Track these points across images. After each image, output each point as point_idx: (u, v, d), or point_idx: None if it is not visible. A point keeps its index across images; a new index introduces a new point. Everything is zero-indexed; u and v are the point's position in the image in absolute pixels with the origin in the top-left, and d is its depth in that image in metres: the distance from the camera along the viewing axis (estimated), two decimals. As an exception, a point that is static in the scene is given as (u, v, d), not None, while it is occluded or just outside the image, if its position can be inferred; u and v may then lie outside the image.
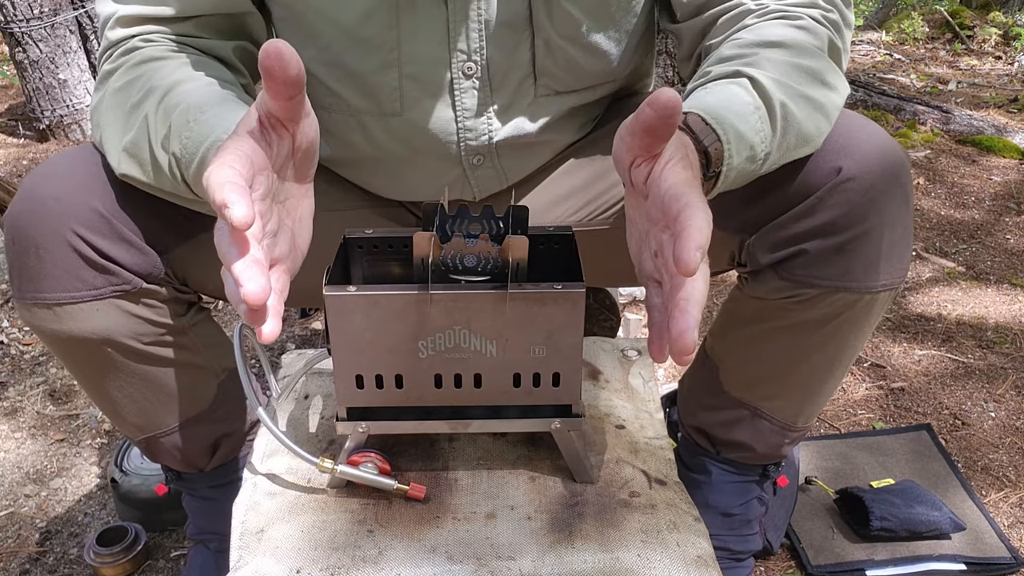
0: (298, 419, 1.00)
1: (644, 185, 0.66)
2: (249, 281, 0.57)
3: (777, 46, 0.81)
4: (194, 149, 0.75)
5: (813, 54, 0.82)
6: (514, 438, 0.95)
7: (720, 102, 0.75)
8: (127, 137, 0.81)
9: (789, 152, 0.81)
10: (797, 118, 0.79)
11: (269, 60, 0.58)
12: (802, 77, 0.80)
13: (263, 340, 0.62)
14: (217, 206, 0.56)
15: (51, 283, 0.86)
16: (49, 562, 1.37)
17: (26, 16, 2.99)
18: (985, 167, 2.87)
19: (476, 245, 0.79)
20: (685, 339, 0.57)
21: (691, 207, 0.59)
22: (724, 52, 0.84)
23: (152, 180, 0.82)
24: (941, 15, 4.91)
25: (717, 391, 1.05)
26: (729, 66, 0.80)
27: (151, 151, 0.79)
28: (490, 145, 0.98)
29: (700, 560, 0.80)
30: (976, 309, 2.03)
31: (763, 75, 0.78)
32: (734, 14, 0.88)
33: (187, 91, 0.80)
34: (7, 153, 3.19)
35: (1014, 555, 1.30)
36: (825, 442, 1.55)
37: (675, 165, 0.64)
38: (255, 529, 0.84)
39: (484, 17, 0.90)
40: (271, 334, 0.61)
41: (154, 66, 0.85)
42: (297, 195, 0.71)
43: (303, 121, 0.66)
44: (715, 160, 0.73)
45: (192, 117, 0.76)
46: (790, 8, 0.86)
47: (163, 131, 0.78)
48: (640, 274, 0.69)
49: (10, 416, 1.72)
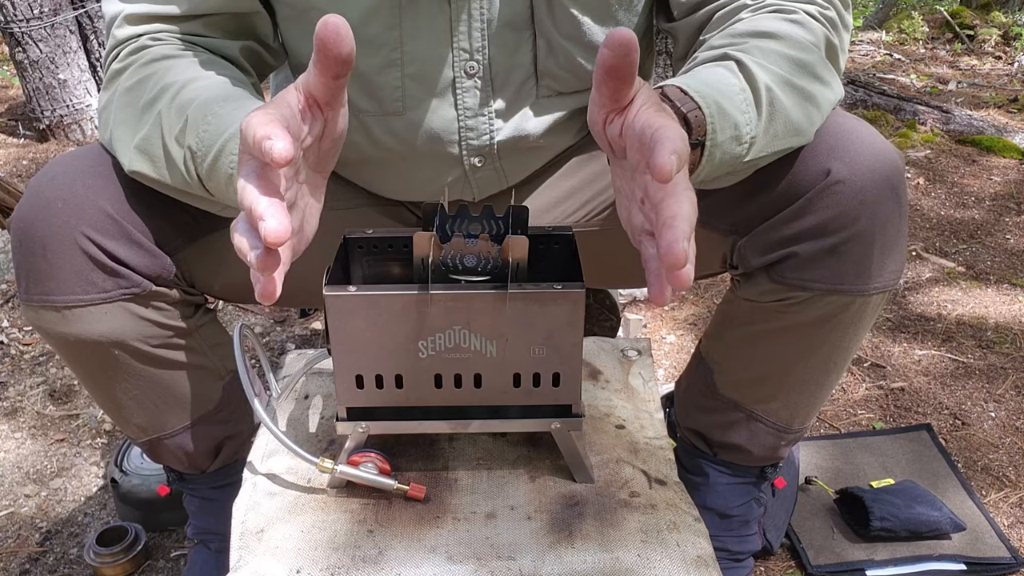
0: (298, 419, 1.00)
1: (620, 138, 0.64)
2: (272, 218, 0.55)
3: (769, 36, 0.81)
4: (211, 142, 0.74)
5: (805, 48, 0.81)
6: (514, 438, 0.95)
7: (704, 79, 0.75)
8: (139, 134, 0.81)
9: (778, 140, 0.80)
10: (784, 105, 0.78)
11: (326, 32, 0.58)
12: (792, 67, 0.79)
13: (261, 297, 0.59)
14: (257, 140, 0.55)
15: (59, 285, 0.86)
16: (49, 562, 1.37)
17: (26, 16, 2.99)
18: (985, 167, 2.87)
19: (476, 245, 0.79)
20: (675, 251, 0.55)
21: (665, 127, 0.58)
22: (714, 42, 0.83)
23: (163, 177, 0.81)
24: (941, 15, 4.91)
25: (712, 393, 1.05)
26: (717, 51, 0.80)
27: (164, 147, 0.79)
28: (491, 145, 0.98)
29: (700, 560, 0.80)
30: (976, 309, 2.03)
31: (750, 59, 0.77)
32: (730, 9, 0.88)
33: (203, 86, 0.80)
34: (7, 153, 3.19)
35: (1014, 555, 1.30)
36: (825, 442, 1.55)
37: (647, 108, 0.62)
38: (255, 529, 0.84)
39: (486, 16, 0.90)
40: (271, 293, 0.59)
41: (166, 64, 0.84)
42: (312, 184, 0.70)
43: (339, 110, 0.65)
44: (696, 127, 0.72)
45: (210, 111, 0.76)
46: (786, 3, 0.86)
47: (178, 125, 0.77)
48: (632, 233, 0.67)
49: (10, 416, 1.72)
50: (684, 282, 0.56)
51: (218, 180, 0.75)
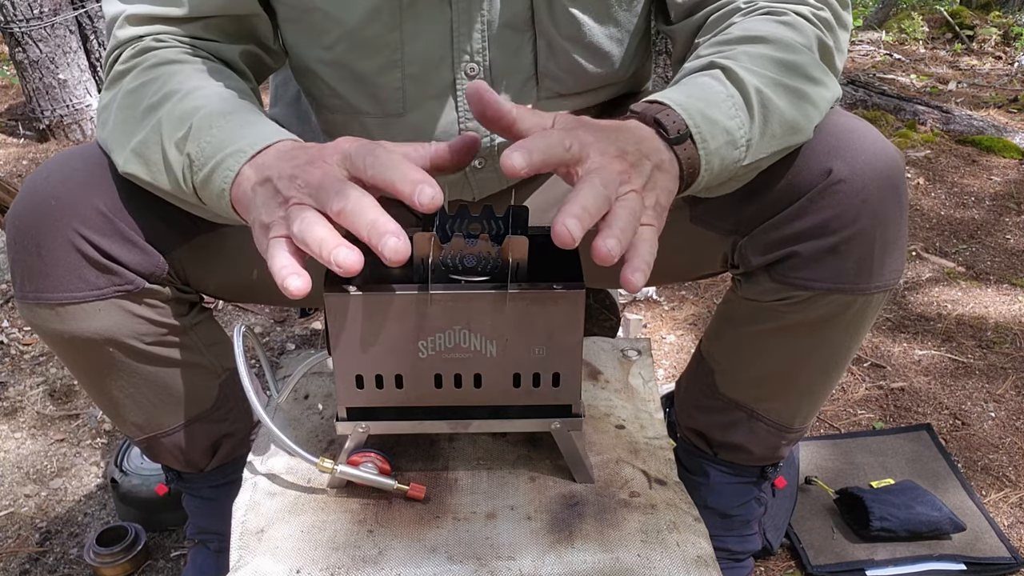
0: (298, 419, 1.00)
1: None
2: (388, 243, 0.63)
3: (757, 41, 0.81)
4: (211, 154, 0.74)
5: (796, 50, 0.81)
6: (514, 438, 0.95)
7: (688, 91, 0.75)
8: (137, 137, 0.81)
9: (775, 140, 0.79)
10: (778, 105, 0.77)
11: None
12: (782, 70, 0.79)
13: (346, 269, 0.64)
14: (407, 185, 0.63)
15: (53, 283, 0.86)
16: (49, 562, 1.37)
17: (26, 16, 2.99)
18: (985, 167, 2.87)
19: (476, 245, 0.79)
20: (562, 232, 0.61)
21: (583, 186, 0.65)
22: (701, 51, 0.83)
23: (157, 181, 0.81)
24: (941, 15, 4.91)
25: (713, 393, 1.05)
26: (703, 60, 0.80)
27: (163, 151, 0.78)
28: (491, 147, 0.98)
29: (700, 560, 0.80)
30: (976, 309, 2.04)
31: (737, 65, 0.77)
32: (724, 12, 0.88)
33: (207, 96, 0.80)
34: (7, 153, 3.19)
35: (1014, 555, 1.30)
36: (825, 442, 1.55)
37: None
38: (255, 529, 0.85)
39: (487, 18, 0.90)
40: (356, 263, 0.64)
41: (171, 69, 0.84)
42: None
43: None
44: (671, 127, 0.72)
45: (215, 123, 0.75)
46: (778, 5, 0.85)
47: (181, 132, 0.77)
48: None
49: (10, 416, 1.72)
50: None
51: (211, 192, 0.75)
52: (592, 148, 0.68)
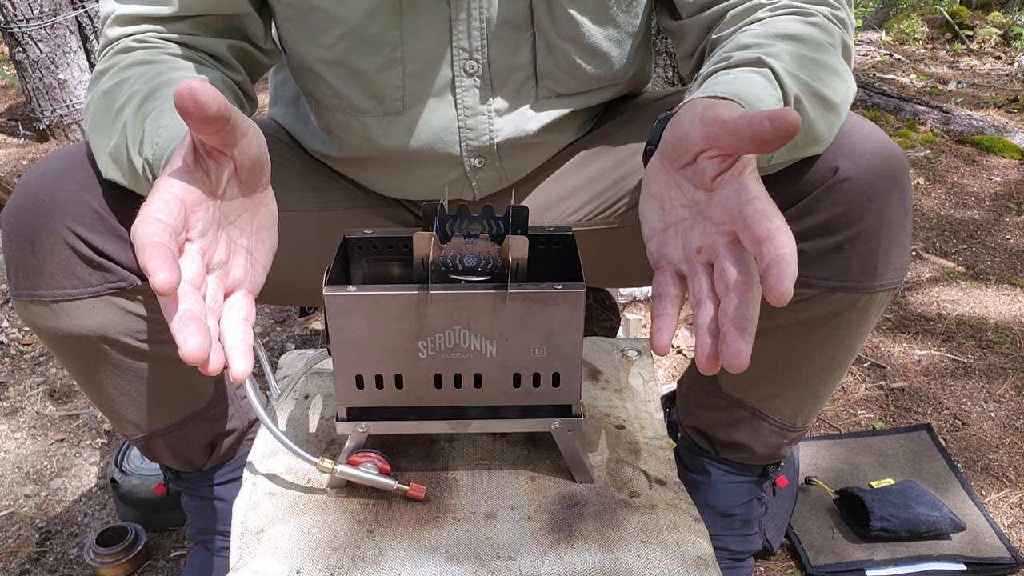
0: (298, 419, 1.00)
1: (711, 181, 0.64)
2: (185, 341, 0.56)
3: (794, 40, 0.80)
4: (161, 153, 0.73)
5: (827, 50, 0.81)
6: (514, 438, 0.95)
7: (752, 92, 0.73)
8: (111, 142, 0.80)
9: (796, 150, 0.80)
10: (809, 116, 0.78)
11: (183, 102, 0.55)
12: (817, 72, 0.79)
13: (234, 379, 0.61)
14: (143, 270, 0.55)
15: (47, 280, 0.86)
16: (49, 562, 1.37)
17: (26, 16, 2.99)
18: (985, 167, 2.87)
19: (476, 245, 0.79)
20: (741, 359, 0.58)
21: (783, 232, 0.57)
22: (742, 39, 0.82)
23: (134, 187, 0.81)
24: (941, 15, 4.91)
25: (715, 391, 1.05)
26: (751, 53, 0.79)
27: (128, 156, 0.78)
28: (491, 146, 0.98)
29: (700, 560, 0.80)
30: (976, 309, 2.03)
31: (781, 67, 0.77)
32: (745, 7, 0.87)
33: (165, 96, 0.79)
34: (7, 153, 3.19)
35: (1014, 555, 1.30)
36: (825, 442, 1.55)
37: (753, 173, 0.62)
38: (255, 529, 0.84)
39: (485, 16, 0.90)
40: (242, 373, 0.61)
41: (140, 70, 0.84)
42: (251, 209, 0.69)
43: (241, 141, 0.62)
44: None
45: (163, 123, 0.75)
46: (802, 4, 0.85)
47: (139, 136, 0.77)
48: (657, 256, 0.68)
49: (10, 416, 1.72)
50: (740, 364, 0.58)
51: None
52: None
